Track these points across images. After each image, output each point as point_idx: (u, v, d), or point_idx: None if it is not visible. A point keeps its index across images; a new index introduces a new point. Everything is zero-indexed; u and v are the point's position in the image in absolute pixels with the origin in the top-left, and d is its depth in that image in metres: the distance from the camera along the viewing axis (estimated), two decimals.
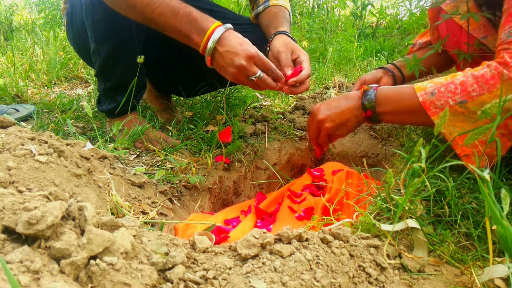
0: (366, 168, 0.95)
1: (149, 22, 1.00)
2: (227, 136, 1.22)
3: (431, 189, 0.73)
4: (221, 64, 1.00)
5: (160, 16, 0.97)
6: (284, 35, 1.22)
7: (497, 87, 0.79)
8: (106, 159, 0.97)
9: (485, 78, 0.80)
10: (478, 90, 0.80)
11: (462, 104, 0.81)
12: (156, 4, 0.97)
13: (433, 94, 0.85)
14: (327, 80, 2.13)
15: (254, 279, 0.53)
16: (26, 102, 1.77)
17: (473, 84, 0.81)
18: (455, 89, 0.83)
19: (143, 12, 0.98)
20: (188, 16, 0.98)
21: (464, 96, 0.81)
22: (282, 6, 1.37)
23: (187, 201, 1.10)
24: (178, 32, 0.99)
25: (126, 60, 1.19)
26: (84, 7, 1.13)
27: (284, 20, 1.31)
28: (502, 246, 0.56)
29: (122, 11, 1.02)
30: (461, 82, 0.83)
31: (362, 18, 3.69)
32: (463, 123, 0.83)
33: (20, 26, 3.99)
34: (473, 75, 0.82)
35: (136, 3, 0.97)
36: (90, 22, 1.14)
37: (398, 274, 0.63)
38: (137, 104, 1.31)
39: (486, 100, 0.79)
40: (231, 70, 0.99)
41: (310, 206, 1.11)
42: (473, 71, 0.84)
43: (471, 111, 0.81)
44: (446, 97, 0.83)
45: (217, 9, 1.47)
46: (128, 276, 0.47)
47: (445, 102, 0.83)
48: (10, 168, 0.66)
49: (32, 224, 0.46)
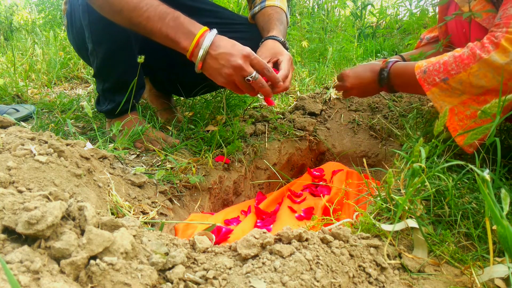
0: (366, 168, 0.94)
1: (136, 27, 0.98)
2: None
3: (431, 189, 0.73)
4: (215, 67, 0.97)
5: (147, 20, 0.96)
6: (270, 40, 1.21)
7: (470, 66, 0.88)
8: (106, 159, 0.97)
9: (462, 58, 0.90)
10: (456, 68, 0.91)
11: (445, 81, 0.93)
12: (144, 9, 0.95)
13: (425, 72, 0.96)
14: (327, 80, 2.13)
15: (254, 279, 0.53)
16: (26, 102, 1.77)
17: (452, 63, 0.92)
18: (439, 68, 0.94)
19: (130, 17, 0.96)
20: (175, 21, 0.97)
21: (446, 74, 0.92)
22: (278, 7, 1.37)
23: (187, 201, 1.10)
24: (165, 36, 0.97)
25: (123, 60, 1.19)
26: (81, 8, 1.13)
27: (277, 23, 1.30)
28: (502, 246, 0.56)
29: (109, 16, 1.01)
30: (444, 61, 0.94)
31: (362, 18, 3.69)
32: (450, 98, 0.94)
33: (20, 26, 3.99)
34: (454, 55, 0.92)
35: (123, 8, 0.96)
36: (87, 23, 1.14)
37: (398, 274, 0.63)
38: (137, 104, 1.31)
39: (463, 78, 0.90)
40: (226, 71, 0.96)
41: (310, 206, 1.11)
42: (455, 52, 0.94)
43: (453, 87, 0.92)
44: (433, 75, 0.95)
45: (216, 8, 1.47)
46: (128, 276, 0.47)
47: (433, 80, 0.95)
48: (10, 168, 0.66)
49: (32, 224, 0.46)
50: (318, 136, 1.68)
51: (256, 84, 0.98)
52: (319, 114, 1.78)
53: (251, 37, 1.40)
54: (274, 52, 1.15)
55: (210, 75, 1.00)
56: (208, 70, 0.99)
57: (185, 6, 1.39)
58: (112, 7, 0.97)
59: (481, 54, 0.87)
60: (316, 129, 1.69)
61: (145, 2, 0.96)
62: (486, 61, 0.86)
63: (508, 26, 0.85)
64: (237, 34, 1.42)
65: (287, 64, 1.10)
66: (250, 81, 0.96)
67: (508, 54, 0.83)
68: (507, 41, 0.84)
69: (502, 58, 0.84)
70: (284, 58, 1.12)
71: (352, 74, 1.25)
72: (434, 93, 0.95)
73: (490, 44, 0.86)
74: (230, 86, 1.00)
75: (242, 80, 0.97)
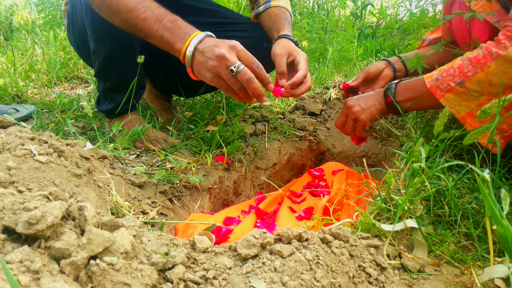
0: (366, 168, 0.94)
1: (133, 29, 0.98)
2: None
3: (431, 189, 0.73)
4: (201, 61, 0.92)
5: (144, 21, 0.95)
6: (284, 39, 1.21)
7: (488, 65, 0.87)
8: (106, 159, 0.97)
9: (478, 58, 0.89)
10: (473, 70, 0.89)
11: (461, 84, 0.91)
12: (141, 10, 0.95)
13: (438, 80, 0.95)
14: (327, 80, 2.13)
15: (254, 279, 0.53)
16: (26, 102, 1.77)
17: (468, 65, 0.90)
18: (454, 72, 0.92)
19: (127, 18, 0.96)
20: (173, 23, 0.95)
21: (462, 77, 0.91)
22: (283, 7, 1.37)
23: (187, 201, 1.10)
24: (160, 37, 0.95)
25: (125, 59, 1.19)
26: (84, 7, 1.14)
27: (285, 22, 1.30)
28: (502, 246, 0.56)
29: (107, 17, 1.01)
30: (458, 65, 0.92)
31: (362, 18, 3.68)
32: (467, 102, 0.92)
33: (20, 26, 3.99)
34: (468, 57, 0.91)
35: (120, 8, 0.96)
36: (89, 22, 1.14)
37: (398, 274, 0.63)
38: (137, 104, 1.32)
39: (481, 78, 0.88)
40: (210, 63, 0.91)
41: (310, 206, 1.11)
42: (469, 54, 0.92)
43: (471, 89, 0.90)
44: (447, 80, 0.93)
45: (217, 8, 1.47)
46: (128, 276, 0.47)
47: (447, 85, 0.93)
48: (10, 168, 0.66)
49: (32, 224, 0.46)
50: (318, 136, 1.68)
51: (242, 77, 0.90)
52: (319, 114, 1.78)
53: (254, 37, 1.41)
54: (290, 51, 1.14)
55: (198, 74, 0.95)
56: (196, 67, 0.94)
57: (187, 6, 1.40)
58: (110, 8, 0.97)
59: (498, 51, 0.84)
60: (316, 129, 1.69)
61: (142, 4, 0.95)
62: (505, 57, 0.84)
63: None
64: (240, 33, 1.42)
65: (305, 64, 1.10)
66: (234, 72, 0.89)
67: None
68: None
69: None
70: (301, 57, 1.11)
71: (354, 97, 1.20)
72: (448, 99, 0.93)
73: (507, 40, 0.84)
74: (218, 82, 0.94)
75: (227, 73, 0.91)
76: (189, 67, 0.96)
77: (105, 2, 0.97)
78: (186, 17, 1.00)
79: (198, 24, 1.30)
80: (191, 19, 1.01)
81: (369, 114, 1.16)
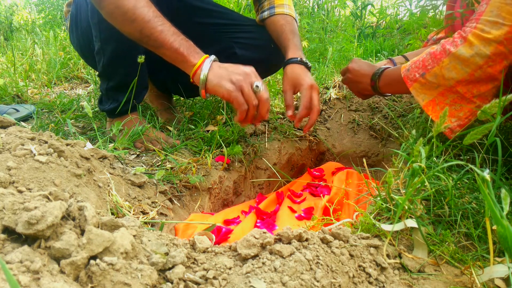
0: (366, 168, 0.94)
1: (145, 38, 1.00)
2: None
3: (430, 189, 0.73)
4: (224, 74, 1.00)
5: (161, 33, 0.98)
6: (290, 66, 1.23)
7: (442, 60, 0.96)
8: (106, 159, 0.97)
9: (435, 54, 0.98)
10: (431, 63, 0.99)
11: (423, 76, 1.00)
12: (159, 23, 0.98)
13: (408, 70, 1.05)
14: (327, 80, 2.13)
15: (254, 279, 0.53)
16: (26, 102, 1.77)
17: (429, 59, 1.00)
18: (419, 65, 1.02)
19: (142, 28, 0.98)
20: (188, 42, 1.02)
21: (424, 69, 1.01)
22: (288, 14, 1.37)
23: (187, 201, 1.10)
24: (175, 50, 0.99)
25: (130, 59, 1.19)
26: (90, 6, 1.14)
27: (290, 36, 1.31)
28: (502, 246, 0.56)
29: (117, 23, 1.01)
30: (423, 59, 1.02)
31: (362, 18, 3.68)
32: (429, 91, 1.02)
33: (20, 26, 3.99)
34: (430, 52, 1.00)
35: (137, 18, 0.97)
36: (96, 21, 1.14)
37: (398, 274, 0.63)
38: (138, 104, 1.32)
39: (436, 71, 0.97)
40: (236, 77, 0.99)
41: (310, 206, 1.11)
42: (431, 49, 1.01)
43: (430, 81, 0.99)
44: (414, 71, 1.03)
45: (224, 10, 1.48)
46: (128, 276, 0.47)
47: (414, 76, 1.03)
48: (10, 168, 0.66)
49: (32, 224, 0.46)
50: (318, 136, 1.68)
51: (262, 96, 1.01)
52: (319, 114, 1.78)
53: (261, 37, 1.42)
54: (296, 83, 1.20)
55: (217, 84, 1.00)
56: (216, 78, 1.00)
57: (194, 7, 1.40)
58: (125, 15, 0.97)
59: (450, 49, 0.94)
60: (316, 129, 1.69)
61: (160, 18, 0.99)
62: (454, 54, 0.93)
63: (477, 22, 0.90)
64: (248, 34, 1.43)
65: (307, 94, 1.16)
66: (259, 88, 1.00)
67: (473, 47, 0.90)
68: (473, 36, 0.90)
69: (468, 51, 0.91)
70: (302, 89, 1.17)
71: (356, 60, 1.31)
72: (415, 88, 1.03)
73: (459, 39, 0.93)
74: (237, 95, 0.99)
75: (249, 88, 0.99)
76: (203, 79, 1.00)
77: (120, 9, 0.97)
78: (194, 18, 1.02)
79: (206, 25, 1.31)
80: (198, 20, 1.02)
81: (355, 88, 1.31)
